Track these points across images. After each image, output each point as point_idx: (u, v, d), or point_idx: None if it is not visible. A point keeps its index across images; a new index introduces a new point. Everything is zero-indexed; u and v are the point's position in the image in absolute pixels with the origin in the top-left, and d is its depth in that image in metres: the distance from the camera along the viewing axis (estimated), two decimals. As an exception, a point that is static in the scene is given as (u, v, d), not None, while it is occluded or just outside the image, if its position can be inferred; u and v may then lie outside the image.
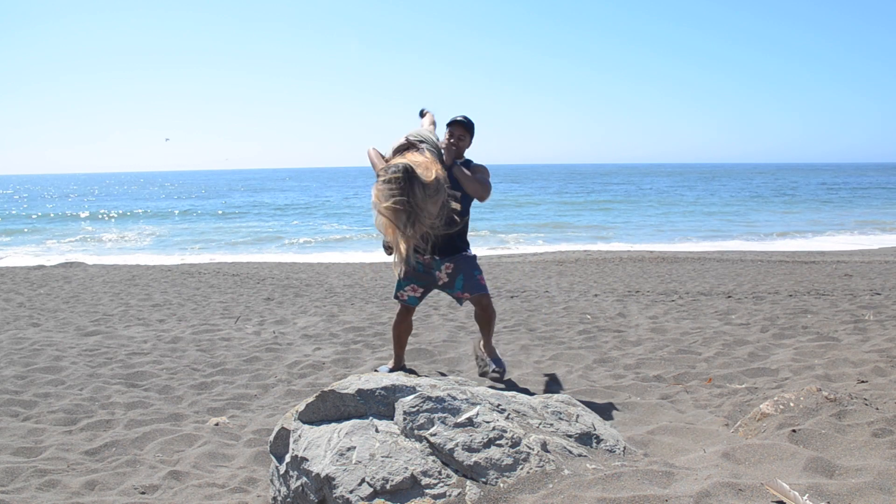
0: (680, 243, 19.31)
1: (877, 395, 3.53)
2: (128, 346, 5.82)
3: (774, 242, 19.29)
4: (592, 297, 8.37)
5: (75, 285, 10.11)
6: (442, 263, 4.37)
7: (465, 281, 4.39)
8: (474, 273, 4.41)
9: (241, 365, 5.14)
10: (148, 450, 3.44)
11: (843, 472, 2.39)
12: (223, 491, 2.95)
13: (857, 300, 7.46)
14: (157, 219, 30.81)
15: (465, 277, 4.39)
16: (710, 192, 44.28)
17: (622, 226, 24.63)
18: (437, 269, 4.38)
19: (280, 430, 2.82)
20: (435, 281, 4.43)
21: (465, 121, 4.40)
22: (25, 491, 2.93)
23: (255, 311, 7.73)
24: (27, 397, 4.29)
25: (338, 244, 20.50)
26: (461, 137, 4.37)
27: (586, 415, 2.88)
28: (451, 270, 4.38)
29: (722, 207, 31.93)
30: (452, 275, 4.39)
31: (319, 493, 2.46)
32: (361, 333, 6.26)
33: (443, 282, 4.42)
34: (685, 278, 10.22)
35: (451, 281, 4.41)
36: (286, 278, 10.84)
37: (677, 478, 2.34)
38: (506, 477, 2.35)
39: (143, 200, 46.51)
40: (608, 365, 4.99)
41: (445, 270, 4.38)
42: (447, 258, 4.37)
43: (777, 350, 5.18)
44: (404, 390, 2.72)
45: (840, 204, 34.38)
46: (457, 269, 4.38)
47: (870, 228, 22.70)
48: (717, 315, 6.85)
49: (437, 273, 4.39)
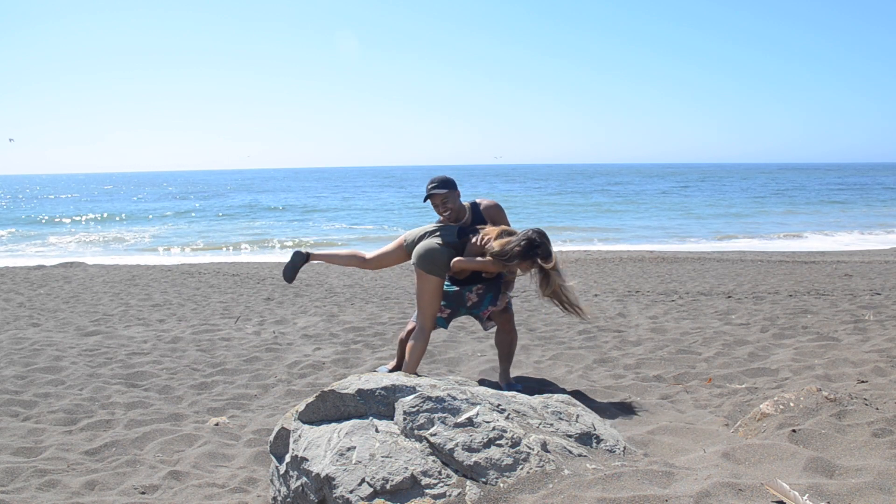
0: (697, 242, 19.39)
1: (877, 395, 3.53)
2: (128, 346, 5.82)
3: (796, 242, 19.32)
4: (592, 297, 8.37)
5: (75, 285, 10.11)
6: (473, 286, 4.36)
7: (493, 299, 4.39)
8: (501, 292, 4.41)
9: (241, 365, 5.14)
10: (148, 450, 3.44)
11: (843, 472, 2.39)
12: (223, 491, 2.95)
13: (857, 300, 7.46)
14: (157, 219, 30.81)
15: (493, 297, 4.39)
16: (720, 193, 43.97)
17: (628, 228, 24.57)
18: (469, 290, 4.36)
19: (280, 430, 2.82)
20: (464, 302, 4.40)
21: (435, 185, 4.27)
22: (25, 491, 2.93)
23: (255, 311, 7.73)
24: (27, 397, 4.29)
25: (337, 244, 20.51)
26: (443, 203, 4.28)
27: (586, 415, 2.88)
28: (481, 291, 4.37)
29: (727, 209, 31.84)
30: (482, 295, 4.38)
31: (319, 493, 2.46)
32: (361, 333, 6.26)
33: (472, 302, 4.39)
34: (685, 278, 10.22)
35: (480, 301, 4.38)
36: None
37: (677, 478, 2.34)
38: (506, 477, 2.35)
39: (144, 200, 46.50)
40: (608, 365, 4.99)
41: (476, 291, 4.37)
42: (477, 282, 4.37)
43: (777, 350, 5.18)
44: (404, 390, 2.71)
45: (853, 204, 34.30)
46: (487, 290, 4.38)
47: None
48: (717, 315, 6.84)
49: (468, 294, 4.37)
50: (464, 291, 4.35)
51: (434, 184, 4.27)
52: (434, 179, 4.30)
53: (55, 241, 22.04)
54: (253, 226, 27.28)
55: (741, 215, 28.33)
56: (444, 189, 4.23)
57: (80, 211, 36.18)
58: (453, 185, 4.30)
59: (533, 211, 32.69)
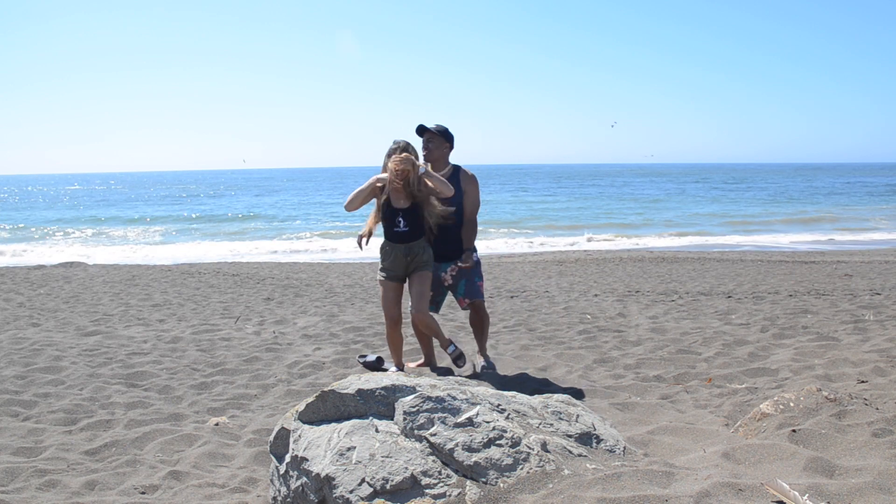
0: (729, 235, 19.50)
1: (877, 395, 3.53)
2: (128, 346, 5.82)
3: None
4: (592, 297, 8.37)
5: (75, 285, 10.11)
6: (447, 266, 4.64)
7: (467, 286, 4.68)
8: (476, 280, 4.69)
9: (241, 365, 5.14)
10: (148, 450, 3.44)
11: (843, 472, 2.39)
12: (223, 491, 2.95)
13: (857, 300, 7.46)
14: (157, 220, 30.81)
15: (468, 283, 4.68)
16: (733, 197, 43.58)
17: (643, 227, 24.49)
18: (443, 270, 4.65)
19: (280, 430, 2.82)
20: (441, 282, 4.68)
21: (433, 128, 4.58)
22: (25, 491, 2.93)
23: (255, 311, 7.73)
24: (27, 397, 4.29)
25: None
26: (427, 142, 4.59)
27: (586, 415, 2.88)
28: (455, 273, 4.65)
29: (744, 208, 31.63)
30: (457, 278, 4.67)
31: (319, 493, 2.46)
32: (361, 333, 6.26)
33: (447, 283, 4.69)
34: (685, 278, 10.22)
35: (455, 284, 4.69)
36: (286, 278, 10.85)
37: (677, 478, 2.34)
38: (506, 477, 2.35)
39: (144, 201, 46.50)
40: (608, 365, 4.98)
41: (450, 272, 4.65)
42: (451, 262, 4.64)
43: (777, 350, 5.18)
44: (404, 390, 2.71)
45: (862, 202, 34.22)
46: (461, 272, 4.66)
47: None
48: (717, 315, 6.84)
49: (443, 275, 4.65)
50: (438, 272, 4.61)
51: (433, 125, 4.60)
52: (437, 124, 4.62)
53: (55, 240, 22.04)
54: (253, 225, 27.29)
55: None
56: (436, 132, 4.57)
57: (80, 211, 36.17)
58: (446, 136, 4.62)
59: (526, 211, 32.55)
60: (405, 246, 4.41)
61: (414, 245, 4.41)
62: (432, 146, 4.58)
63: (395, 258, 4.45)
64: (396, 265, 4.46)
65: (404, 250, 4.41)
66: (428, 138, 4.58)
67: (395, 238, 4.41)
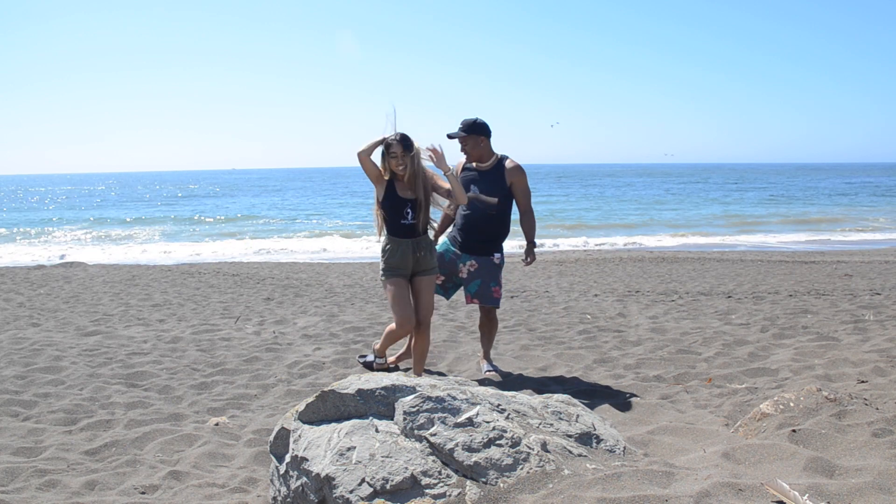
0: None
1: (877, 395, 3.53)
2: (128, 346, 5.82)
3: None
4: (592, 297, 8.37)
5: (75, 285, 10.11)
6: (468, 259, 4.56)
7: (480, 288, 4.56)
8: (491, 284, 4.57)
9: (241, 365, 5.14)
10: (148, 450, 3.44)
11: (843, 472, 2.39)
12: (223, 491, 2.95)
13: (857, 300, 7.46)
14: (156, 220, 30.81)
15: (482, 285, 4.56)
16: (738, 196, 43.54)
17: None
18: (463, 262, 4.58)
19: (280, 430, 2.82)
20: (457, 272, 4.61)
21: (459, 128, 4.49)
22: (25, 491, 2.93)
23: (255, 311, 7.73)
24: (27, 397, 4.29)
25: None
26: (463, 145, 4.52)
27: (586, 415, 2.88)
28: (473, 269, 4.56)
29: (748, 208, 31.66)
30: (472, 275, 4.57)
31: (319, 493, 2.46)
32: (361, 333, 6.26)
33: (462, 276, 4.62)
34: (685, 278, 10.22)
35: (469, 280, 4.60)
36: (286, 278, 10.84)
37: (677, 478, 2.34)
38: (506, 477, 2.35)
39: (144, 201, 46.51)
40: (608, 365, 4.99)
41: (469, 267, 4.57)
42: (474, 256, 4.55)
43: (777, 350, 5.18)
44: (404, 390, 2.72)
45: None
46: (478, 271, 4.55)
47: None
48: (717, 315, 6.84)
49: (461, 266, 4.59)
50: (458, 262, 4.56)
51: (459, 127, 4.50)
52: (463, 121, 4.51)
53: (55, 241, 22.04)
54: (253, 225, 27.29)
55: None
56: (462, 133, 4.47)
57: (80, 211, 36.18)
58: (474, 129, 4.48)
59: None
60: (413, 241, 4.23)
61: (421, 240, 4.25)
62: (468, 147, 4.46)
63: (402, 255, 4.23)
64: (405, 262, 4.24)
65: (412, 245, 4.23)
66: (461, 141, 4.46)
67: (403, 232, 4.21)
